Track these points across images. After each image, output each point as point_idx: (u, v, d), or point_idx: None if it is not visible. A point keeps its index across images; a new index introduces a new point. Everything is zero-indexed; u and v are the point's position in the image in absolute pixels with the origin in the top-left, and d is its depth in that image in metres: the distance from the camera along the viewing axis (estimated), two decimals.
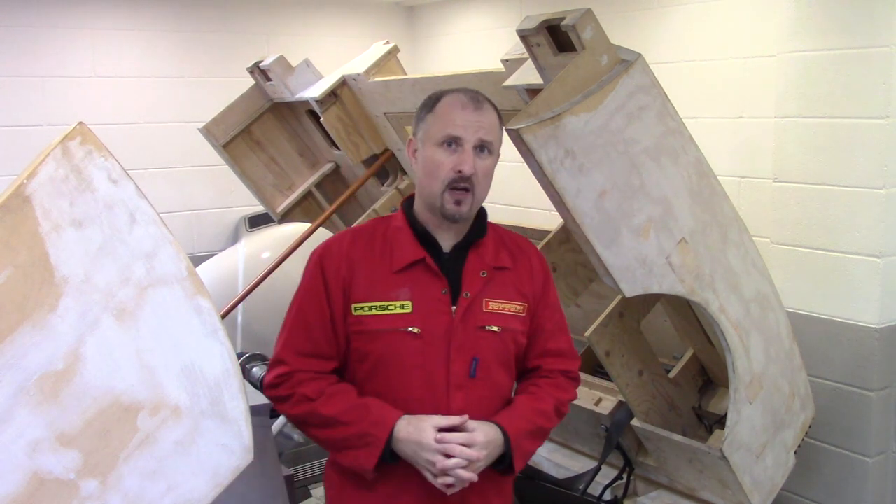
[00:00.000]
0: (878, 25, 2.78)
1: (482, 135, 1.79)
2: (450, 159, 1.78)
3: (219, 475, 1.57)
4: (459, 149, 1.78)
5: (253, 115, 3.41)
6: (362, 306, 1.81)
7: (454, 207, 1.79)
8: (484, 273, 1.86)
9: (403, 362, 1.81)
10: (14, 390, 1.36)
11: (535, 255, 1.98)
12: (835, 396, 3.04)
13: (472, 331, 1.83)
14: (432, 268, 1.83)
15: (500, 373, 1.88)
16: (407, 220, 1.88)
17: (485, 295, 1.85)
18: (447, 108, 1.80)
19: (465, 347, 1.82)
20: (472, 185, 1.79)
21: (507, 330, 1.87)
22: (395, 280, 1.82)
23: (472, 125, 1.78)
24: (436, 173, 1.79)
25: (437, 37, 5.97)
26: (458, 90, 1.85)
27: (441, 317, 1.81)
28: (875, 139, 2.83)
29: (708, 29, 4.08)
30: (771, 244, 3.15)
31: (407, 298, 1.81)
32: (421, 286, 1.82)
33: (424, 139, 1.83)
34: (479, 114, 1.80)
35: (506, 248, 1.92)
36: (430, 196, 1.82)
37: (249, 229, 5.32)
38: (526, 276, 1.92)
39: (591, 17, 1.84)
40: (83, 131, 1.43)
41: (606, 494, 2.59)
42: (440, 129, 1.79)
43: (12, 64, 4.87)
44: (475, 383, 1.83)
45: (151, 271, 1.48)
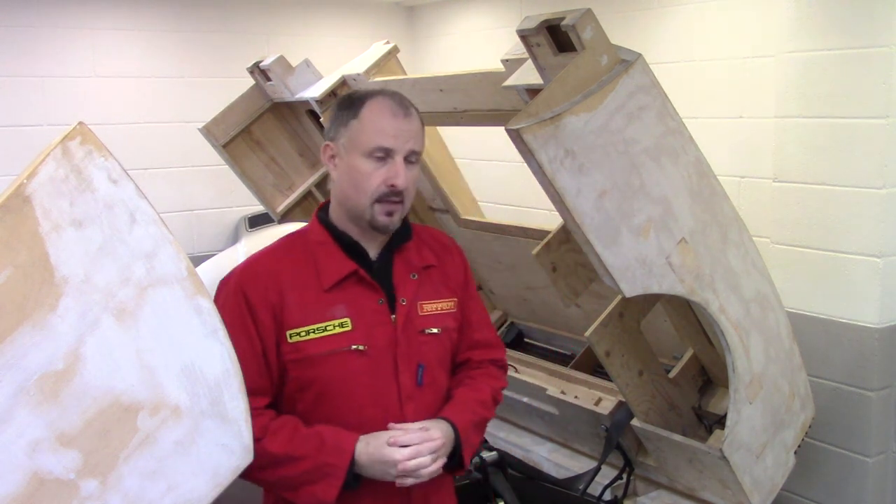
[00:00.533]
0: (878, 25, 2.78)
1: (412, 145, 1.72)
2: (379, 172, 1.69)
3: (219, 475, 1.57)
4: (390, 160, 1.70)
5: (253, 115, 3.41)
6: (298, 332, 1.70)
7: (386, 219, 1.72)
8: (414, 275, 1.80)
9: (350, 383, 1.71)
10: (14, 390, 1.36)
11: (454, 248, 1.94)
12: (835, 396, 3.04)
13: (414, 337, 1.77)
14: (365, 279, 1.74)
15: (442, 375, 1.85)
16: (328, 232, 1.78)
17: (419, 298, 1.79)
18: (375, 116, 1.71)
19: (409, 356, 1.76)
20: (403, 196, 1.72)
21: (445, 330, 1.83)
22: (327, 298, 1.72)
23: (402, 135, 1.70)
24: (364, 186, 1.70)
25: (437, 37, 5.97)
26: (380, 93, 1.75)
27: (382, 328, 1.74)
28: (875, 139, 2.83)
29: (708, 29, 4.08)
30: (771, 244, 3.15)
31: (344, 315, 1.71)
32: (357, 300, 1.73)
33: (349, 147, 1.72)
34: (408, 122, 1.72)
35: (426, 245, 1.87)
36: (356, 207, 1.73)
37: (249, 229, 5.32)
38: (451, 271, 1.88)
39: (591, 17, 1.84)
40: (83, 131, 1.43)
41: (606, 494, 2.59)
42: (368, 138, 1.70)
43: (12, 64, 4.87)
44: (423, 391, 1.78)
45: (151, 271, 1.48)
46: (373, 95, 1.75)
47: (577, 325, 2.98)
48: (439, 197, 3.22)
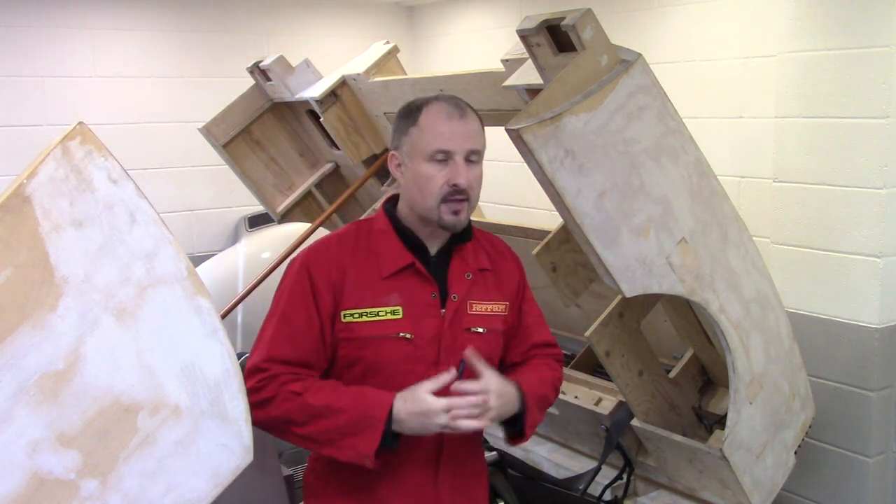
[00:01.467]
0: (878, 25, 2.78)
1: (471, 145, 1.77)
2: (442, 173, 1.75)
3: (219, 475, 1.57)
4: (451, 161, 1.76)
5: (253, 115, 3.41)
6: (352, 313, 1.78)
7: (453, 218, 1.78)
8: (469, 275, 1.86)
9: (394, 368, 1.78)
10: (14, 390, 1.36)
11: (509, 254, 2.00)
12: (835, 396, 3.04)
13: (460, 333, 1.83)
14: (422, 272, 1.81)
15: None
16: (391, 224, 1.85)
17: (470, 297, 1.85)
18: (432, 121, 1.77)
19: (453, 350, 1.81)
20: (468, 194, 1.78)
21: (491, 331, 1.88)
22: (384, 286, 1.80)
23: (459, 136, 1.76)
24: (429, 189, 1.76)
25: (437, 37, 5.97)
26: (437, 99, 1.81)
27: (431, 320, 1.81)
28: (875, 139, 2.83)
29: (708, 29, 4.08)
30: (771, 244, 3.15)
31: (397, 304, 1.79)
32: (410, 291, 1.80)
33: (411, 154, 1.79)
34: (464, 123, 1.77)
35: (483, 250, 1.93)
36: (424, 210, 1.79)
37: (249, 229, 5.32)
38: (504, 276, 1.94)
39: (591, 17, 1.84)
40: (83, 131, 1.43)
41: (606, 494, 2.59)
42: (428, 143, 1.76)
43: (12, 64, 4.87)
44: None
45: (151, 271, 1.48)
46: (429, 102, 1.81)
47: (577, 325, 2.98)
48: None
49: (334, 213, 3.47)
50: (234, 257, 4.94)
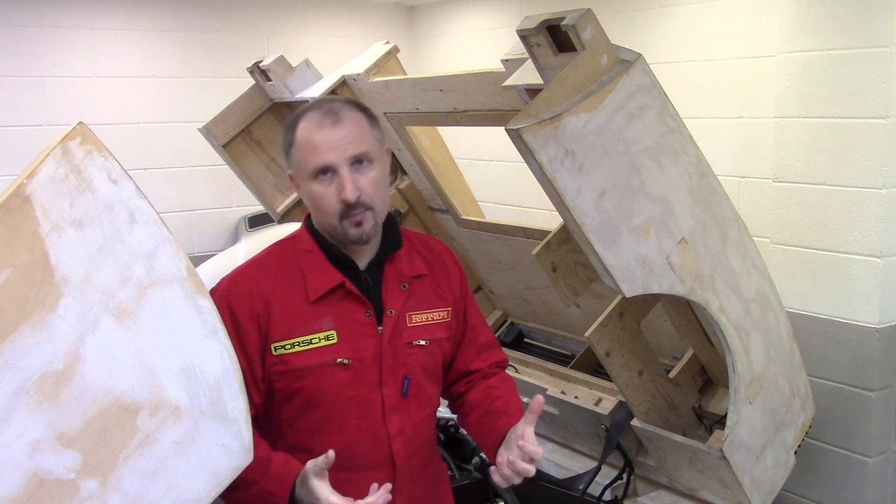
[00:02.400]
0: (878, 25, 2.78)
1: (351, 151, 1.64)
2: (330, 190, 1.64)
3: (219, 475, 1.57)
4: (334, 175, 1.64)
5: (253, 115, 3.40)
6: (283, 344, 1.68)
7: (357, 230, 1.66)
8: (404, 286, 1.77)
9: (335, 395, 1.70)
10: (14, 390, 1.36)
11: (446, 254, 1.91)
12: (835, 396, 3.04)
13: (401, 348, 1.75)
14: (353, 292, 1.71)
15: (429, 386, 1.83)
16: (316, 242, 1.74)
17: (408, 309, 1.76)
18: (305, 135, 1.66)
19: (396, 367, 1.74)
20: (367, 203, 1.65)
21: (434, 340, 1.80)
22: (314, 310, 1.69)
23: (335, 145, 1.63)
24: (324, 208, 1.66)
25: (437, 37, 5.97)
26: (311, 107, 1.69)
27: (368, 340, 1.71)
28: (875, 139, 2.83)
29: (708, 29, 4.08)
30: (771, 244, 3.15)
31: (331, 328, 1.69)
32: (343, 312, 1.70)
33: (299, 174, 1.69)
34: (338, 129, 1.65)
35: (418, 254, 1.84)
36: (330, 228, 1.70)
37: (249, 229, 5.32)
38: (443, 279, 1.85)
39: (591, 17, 1.84)
40: (83, 131, 1.43)
41: (606, 494, 2.59)
42: (306, 161, 1.65)
43: (12, 64, 4.87)
44: (408, 402, 1.76)
45: (151, 271, 1.48)
46: (303, 114, 1.69)
47: (577, 325, 2.98)
48: (439, 197, 3.22)
49: None
50: (234, 257, 4.94)
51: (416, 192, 3.33)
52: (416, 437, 1.79)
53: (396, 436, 1.75)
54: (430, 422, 1.86)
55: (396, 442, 1.76)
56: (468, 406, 1.89)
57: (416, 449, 1.80)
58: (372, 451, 1.75)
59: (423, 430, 1.82)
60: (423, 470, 1.85)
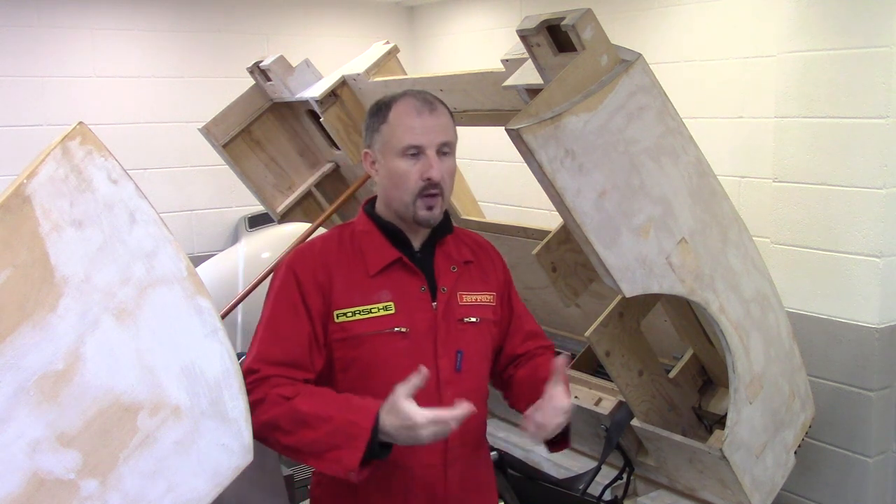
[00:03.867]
0: (878, 25, 2.78)
1: (441, 138, 1.78)
2: (415, 168, 1.77)
3: (219, 475, 1.57)
4: (422, 156, 1.77)
5: (253, 115, 3.41)
6: (345, 312, 1.78)
7: (427, 213, 1.79)
8: (454, 268, 1.88)
9: (392, 364, 1.76)
10: (14, 390, 1.36)
11: (491, 248, 2.02)
12: (835, 396, 3.04)
13: (454, 324, 1.84)
14: (409, 266, 1.83)
15: (481, 364, 1.90)
16: (374, 223, 1.87)
17: (458, 288, 1.87)
18: (402, 117, 1.79)
19: (449, 342, 1.82)
20: (442, 188, 1.79)
21: (484, 320, 1.89)
22: (373, 283, 1.80)
23: (430, 130, 1.77)
24: (403, 184, 1.78)
25: (437, 37, 5.97)
26: (406, 94, 1.82)
27: (423, 314, 1.81)
28: (875, 139, 2.83)
29: (708, 29, 4.08)
30: (771, 244, 3.15)
31: (389, 300, 1.79)
32: (400, 286, 1.81)
33: (384, 150, 1.81)
34: (434, 117, 1.79)
35: (464, 244, 1.95)
36: (400, 206, 1.81)
37: (249, 229, 5.32)
38: (489, 268, 1.96)
39: (591, 17, 1.84)
40: (83, 131, 1.43)
41: (606, 494, 2.59)
42: (399, 139, 1.77)
43: (12, 64, 4.87)
44: (461, 377, 1.83)
45: (151, 271, 1.48)
46: (398, 98, 1.82)
47: (577, 325, 2.98)
48: None
49: (334, 213, 3.47)
50: (234, 257, 4.94)
51: None
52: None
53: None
54: (481, 401, 1.90)
55: None
56: (516, 384, 1.95)
57: (468, 426, 1.78)
58: None
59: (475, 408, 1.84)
60: (474, 449, 1.90)
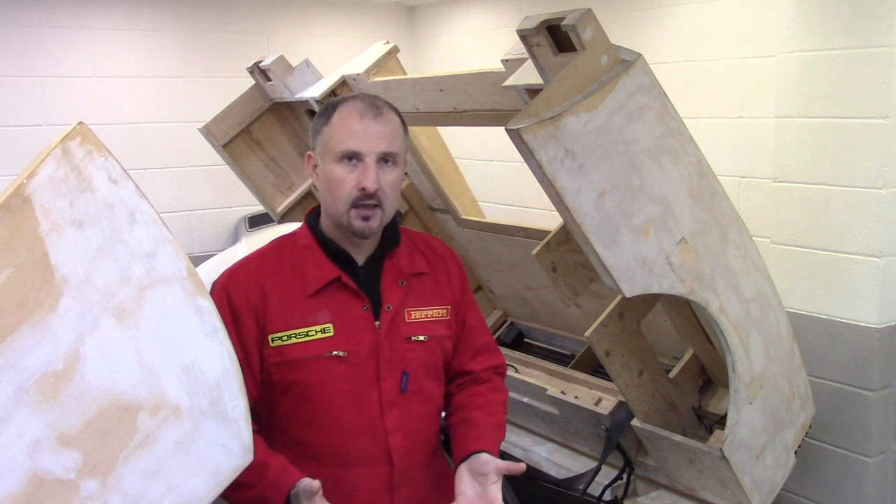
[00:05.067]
0: (878, 25, 2.78)
1: (384, 147, 1.69)
2: (351, 176, 1.68)
3: (219, 475, 1.57)
4: (360, 164, 1.68)
5: (253, 115, 3.41)
6: (280, 336, 1.70)
7: (362, 224, 1.70)
8: (403, 282, 1.79)
9: (331, 388, 1.71)
10: (14, 390, 1.36)
11: (448, 255, 1.92)
12: (835, 396, 3.04)
13: (399, 344, 1.76)
14: (349, 285, 1.74)
15: (430, 383, 1.83)
16: (315, 238, 1.78)
17: (406, 305, 1.78)
18: (344, 119, 1.70)
19: (393, 362, 1.75)
20: (379, 199, 1.69)
21: (434, 337, 1.81)
22: (311, 303, 1.72)
23: (371, 136, 1.68)
24: (338, 192, 1.69)
25: (437, 37, 5.97)
26: (354, 97, 1.74)
27: (365, 334, 1.73)
28: (875, 139, 2.83)
29: (708, 29, 4.08)
30: (771, 244, 3.15)
31: (327, 321, 1.71)
32: (340, 306, 1.73)
33: (323, 154, 1.72)
34: (378, 123, 1.70)
35: (419, 252, 1.86)
36: (335, 214, 1.72)
37: (249, 229, 5.32)
38: (444, 278, 1.87)
39: (591, 17, 1.84)
40: (83, 131, 1.43)
41: (606, 494, 2.59)
42: (337, 142, 1.69)
43: (12, 64, 4.87)
44: (407, 398, 1.76)
45: (151, 271, 1.48)
46: (345, 100, 1.74)
47: (577, 325, 2.98)
48: (439, 197, 3.22)
49: None
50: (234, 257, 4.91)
51: (416, 192, 3.33)
52: (416, 434, 1.79)
53: (394, 431, 1.75)
54: (431, 420, 1.85)
55: (394, 438, 1.75)
56: (451, 408, 1.90)
57: (416, 447, 1.79)
58: (369, 447, 1.74)
59: (422, 428, 1.81)
60: (423, 469, 1.83)
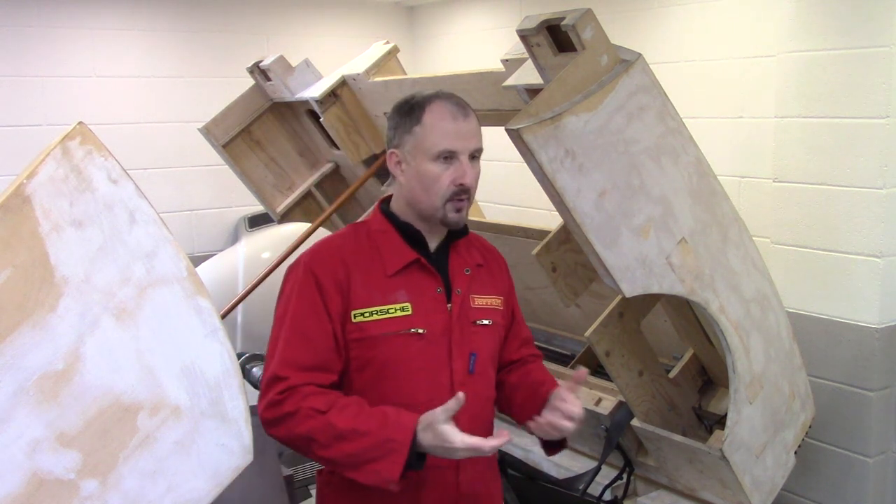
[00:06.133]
0: (878, 25, 2.78)
1: (474, 144, 1.79)
2: (447, 173, 1.76)
3: (219, 475, 1.57)
4: (455, 161, 1.77)
5: (253, 115, 3.41)
6: (362, 312, 1.77)
7: (457, 216, 1.79)
8: (467, 270, 1.88)
9: (407, 365, 1.78)
10: (14, 390, 1.36)
11: (497, 253, 2.03)
12: (835, 396, 3.04)
13: (467, 326, 1.84)
14: (427, 267, 1.82)
15: (491, 367, 1.91)
16: (391, 223, 1.86)
17: (471, 291, 1.87)
18: (437, 120, 1.77)
19: (463, 343, 1.82)
20: (471, 192, 1.80)
21: (495, 324, 1.90)
22: (390, 283, 1.80)
23: (464, 136, 1.77)
24: (434, 188, 1.77)
25: (437, 37, 5.97)
26: (438, 97, 1.81)
27: (439, 315, 1.81)
28: (875, 139, 2.83)
29: (708, 29, 4.08)
30: (771, 244, 3.15)
31: (406, 300, 1.79)
32: (417, 287, 1.81)
33: (415, 153, 1.79)
34: (468, 122, 1.79)
35: (475, 248, 1.95)
36: (428, 208, 1.80)
37: (249, 229, 5.32)
38: (497, 272, 1.97)
39: (591, 17, 1.84)
40: (83, 131, 1.43)
41: (606, 494, 2.59)
42: (433, 143, 1.76)
43: (12, 64, 4.88)
44: (474, 379, 1.83)
45: (151, 271, 1.48)
46: (431, 100, 1.80)
47: (577, 325, 2.98)
48: None
49: (334, 213, 3.47)
50: (234, 257, 4.94)
51: None
52: (480, 416, 1.85)
53: (462, 411, 1.75)
54: (491, 404, 1.93)
55: (462, 418, 1.75)
56: (509, 388, 1.96)
57: (478, 428, 1.81)
58: None
59: (485, 411, 1.89)
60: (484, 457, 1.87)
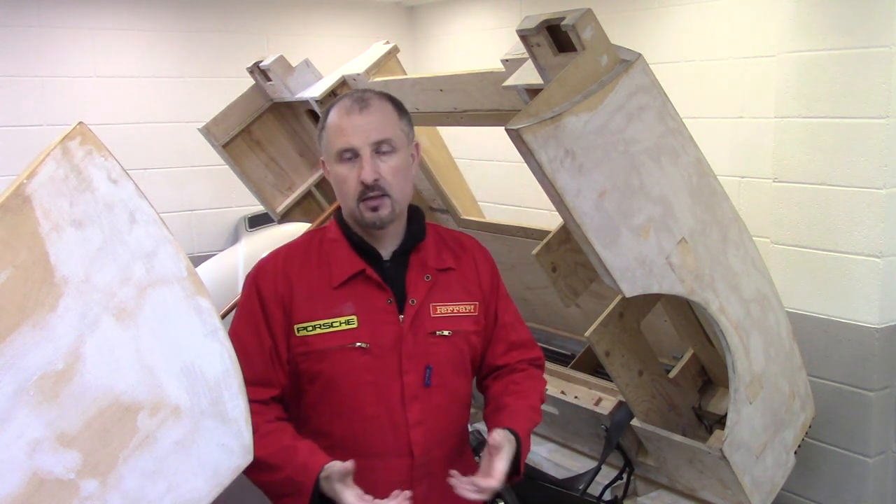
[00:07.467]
0: (878, 25, 2.78)
1: (374, 136, 1.72)
2: (352, 172, 1.72)
3: (219, 475, 1.57)
4: (358, 158, 1.72)
5: (253, 115, 3.41)
6: (305, 326, 1.74)
7: (372, 214, 1.73)
8: (428, 277, 1.81)
9: (353, 379, 1.74)
10: (14, 390, 1.36)
11: (478, 251, 1.94)
12: (835, 396, 3.04)
13: (423, 338, 1.78)
14: (373, 278, 1.77)
15: (456, 378, 1.84)
16: (342, 232, 1.82)
17: (431, 299, 1.80)
18: (335, 120, 1.75)
19: (416, 356, 1.76)
20: (383, 188, 1.72)
21: (459, 332, 1.82)
22: (336, 295, 1.75)
23: (359, 130, 1.72)
24: (344, 190, 1.74)
25: (437, 37, 5.97)
26: (344, 96, 1.79)
27: (388, 327, 1.75)
28: (875, 139, 2.83)
29: (708, 29, 4.08)
30: (771, 244, 3.15)
31: (351, 313, 1.74)
32: (364, 299, 1.76)
33: (327, 157, 1.78)
34: (364, 115, 1.73)
35: (447, 248, 1.88)
36: (349, 212, 1.78)
37: (249, 229, 5.32)
38: (471, 274, 1.88)
39: (591, 17, 1.84)
40: (83, 131, 1.43)
41: (606, 494, 2.59)
42: (332, 143, 1.74)
43: (12, 64, 4.88)
44: (430, 392, 1.78)
45: (151, 271, 1.48)
46: (336, 101, 1.79)
47: (577, 325, 2.98)
48: (439, 197, 3.22)
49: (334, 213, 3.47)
50: (234, 257, 4.94)
51: (416, 191, 3.33)
52: (438, 428, 1.80)
53: (416, 425, 1.76)
54: (456, 415, 1.86)
55: (416, 431, 1.76)
56: (487, 398, 1.93)
57: (438, 441, 1.79)
58: (390, 439, 1.76)
59: (446, 423, 1.82)
60: (446, 464, 1.80)
